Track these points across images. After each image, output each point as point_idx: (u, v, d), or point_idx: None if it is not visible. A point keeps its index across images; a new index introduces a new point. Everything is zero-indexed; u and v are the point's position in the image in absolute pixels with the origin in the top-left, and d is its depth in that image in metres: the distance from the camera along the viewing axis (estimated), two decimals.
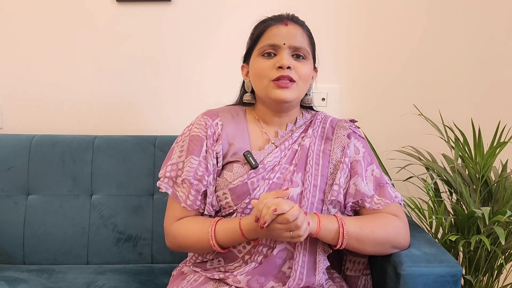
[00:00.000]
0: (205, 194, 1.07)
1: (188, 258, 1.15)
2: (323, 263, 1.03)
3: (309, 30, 1.11)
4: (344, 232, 0.98)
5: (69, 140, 1.48)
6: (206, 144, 1.08)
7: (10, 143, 1.48)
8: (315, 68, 1.14)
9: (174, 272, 1.15)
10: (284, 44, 1.05)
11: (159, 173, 1.10)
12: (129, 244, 1.43)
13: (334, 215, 1.02)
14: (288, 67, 1.04)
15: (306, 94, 1.15)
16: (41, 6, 1.61)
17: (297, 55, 1.06)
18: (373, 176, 1.09)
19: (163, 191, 1.09)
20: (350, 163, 1.09)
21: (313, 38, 1.12)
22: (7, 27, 1.63)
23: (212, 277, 1.04)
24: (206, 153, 1.07)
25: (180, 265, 1.17)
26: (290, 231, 0.91)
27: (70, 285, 1.27)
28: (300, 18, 1.12)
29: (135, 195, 1.45)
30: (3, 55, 1.64)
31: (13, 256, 1.43)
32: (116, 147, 1.47)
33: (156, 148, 1.47)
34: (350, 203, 1.07)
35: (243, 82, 1.17)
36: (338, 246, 1.00)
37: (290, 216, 0.89)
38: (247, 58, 1.13)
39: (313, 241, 1.03)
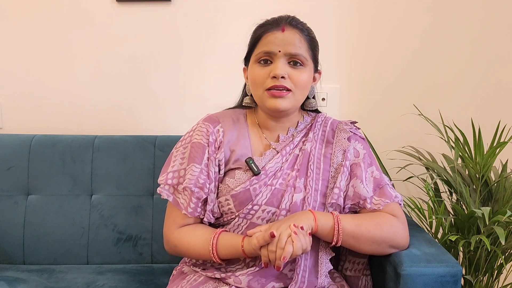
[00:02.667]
0: (205, 201, 1.07)
1: (188, 259, 1.15)
2: (325, 266, 1.03)
3: (310, 33, 1.09)
4: (340, 228, 0.98)
5: (69, 140, 1.48)
6: (208, 151, 1.07)
7: (10, 143, 1.48)
8: (318, 71, 1.13)
9: (174, 272, 1.15)
10: (280, 51, 1.03)
11: (159, 179, 1.09)
12: (129, 244, 1.43)
13: (330, 212, 1.02)
14: (283, 77, 1.02)
15: (308, 98, 1.14)
16: (40, 6, 1.61)
17: (294, 62, 1.04)
18: (373, 178, 1.09)
19: (164, 198, 1.09)
20: (350, 166, 1.09)
21: (314, 41, 1.09)
22: (7, 27, 1.63)
23: (212, 276, 1.04)
24: (208, 160, 1.07)
25: (180, 264, 1.17)
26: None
27: (70, 285, 1.27)
28: (301, 19, 1.09)
29: (135, 195, 1.45)
30: (3, 55, 1.64)
31: (13, 256, 1.43)
32: (116, 147, 1.47)
33: (156, 148, 1.46)
34: (349, 205, 1.06)
35: (245, 84, 1.17)
36: (334, 243, 0.99)
37: (296, 255, 0.92)
38: (247, 61, 1.12)
39: (315, 244, 1.02)
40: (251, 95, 1.13)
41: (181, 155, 1.09)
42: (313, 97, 1.16)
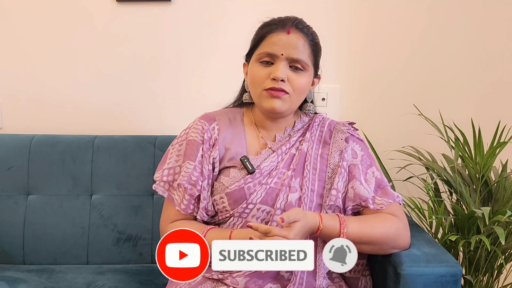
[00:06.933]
0: (198, 198, 1.07)
1: None
2: (323, 267, 1.03)
3: (315, 38, 1.08)
4: (344, 231, 0.97)
5: (69, 140, 1.48)
6: (202, 148, 1.08)
7: (10, 143, 1.48)
8: (317, 76, 1.13)
9: None
10: (282, 55, 1.03)
11: (155, 175, 1.11)
12: (129, 244, 1.43)
13: (336, 214, 1.01)
14: (282, 80, 1.02)
15: (306, 102, 1.15)
16: (41, 6, 1.61)
17: (294, 66, 1.05)
18: (374, 178, 1.08)
19: (159, 194, 1.10)
20: (348, 167, 1.08)
21: (317, 47, 1.09)
22: (7, 27, 1.63)
23: (210, 277, 1.04)
24: (202, 157, 1.08)
25: None
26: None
27: (70, 285, 1.27)
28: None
29: (135, 195, 1.45)
30: (3, 55, 1.64)
31: (13, 256, 1.43)
32: (116, 147, 1.47)
33: (156, 148, 1.46)
34: (350, 207, 1.06)
35: (244, 80, 1.17)
36: None
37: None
38: (248, 57, 1.12)
39: (314, 245, 1.02)
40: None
41: (177, 152, 1.11)
42: (311, 101, 1.16)
